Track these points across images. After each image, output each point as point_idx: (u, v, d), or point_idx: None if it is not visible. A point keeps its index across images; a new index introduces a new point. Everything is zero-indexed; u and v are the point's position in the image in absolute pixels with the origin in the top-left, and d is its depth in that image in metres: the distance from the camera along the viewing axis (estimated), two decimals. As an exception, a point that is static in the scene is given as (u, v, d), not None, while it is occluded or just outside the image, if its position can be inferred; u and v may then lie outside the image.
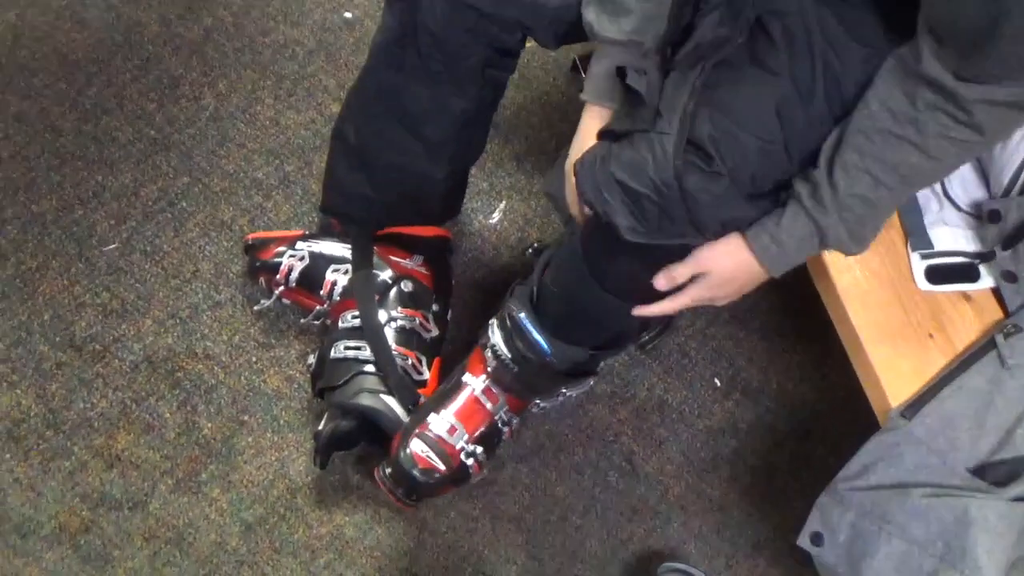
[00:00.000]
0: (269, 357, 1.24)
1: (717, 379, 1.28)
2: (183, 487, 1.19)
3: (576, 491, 1.23)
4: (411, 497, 1.05)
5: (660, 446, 1.25)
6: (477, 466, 1.06)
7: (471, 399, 1.05)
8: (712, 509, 1.24)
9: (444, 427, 1.04)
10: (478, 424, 1.05)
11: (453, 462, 1.03)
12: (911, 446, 0.83)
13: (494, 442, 1.08)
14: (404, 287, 1.13)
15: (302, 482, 1.21)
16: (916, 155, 0.72)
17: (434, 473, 1.02)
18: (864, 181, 0.74)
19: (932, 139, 0.71)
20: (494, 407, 1.05)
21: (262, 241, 1.18)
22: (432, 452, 1.02)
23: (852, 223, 0.76)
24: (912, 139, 0.71)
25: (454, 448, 1.03)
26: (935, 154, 0.71)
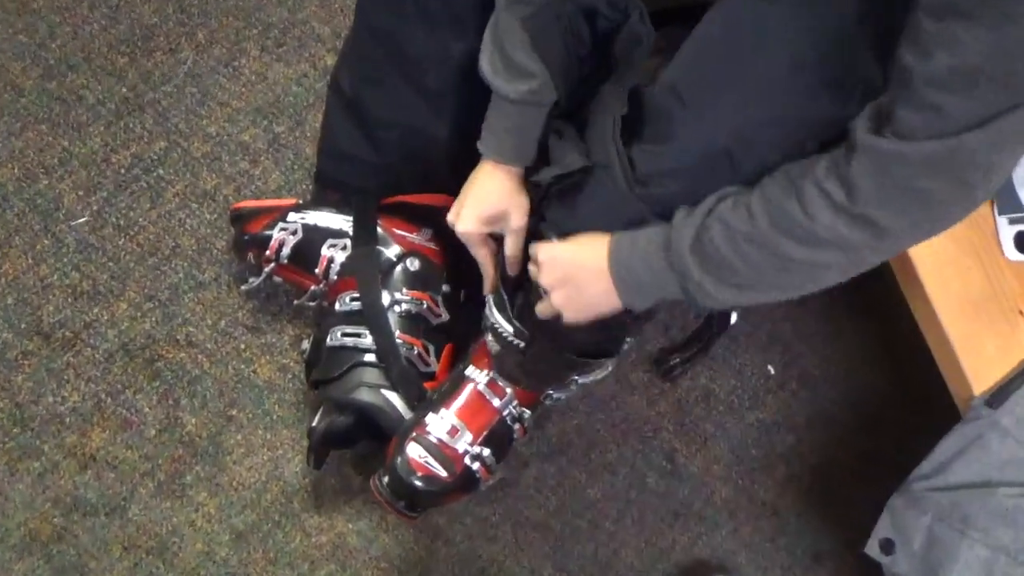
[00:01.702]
0: (260, 344, 1.24)
1: (771, 366, 1.28)
2: (165, 490, 1.20)
3: (609, 494, 1.24)
4: (414, 509, 1.06)
5: (705, 442, 1.26)
6: (485, 470, 1.06)
7: (474, 395, 1.05)
8: (765, 514, 1.25)
9: (444, 428, 1.04)
10: (483, 423, 1.05)
11: (456, 467, 1.03)
12: (997, 439, 0.83)
13: (504, 442, 1.08)
14: (410, 265, 1.13)
15: (299, 484, 1.21)
16: (792, 200, 0.71)
17: (436, 481, 1.03)
18: (739, 211, 0.74)
19: (809, 183, 0.71)
20: (501, 402, 1.05)
21: (250, 211, 1.17)
22: (432, 457, 1.03)
23: (701, 244, 0.76)
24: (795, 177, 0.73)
25: (456, 452, 1.04)
26: (807, 205, 0.71)
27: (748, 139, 0.75)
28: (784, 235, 0.72)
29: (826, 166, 0.71)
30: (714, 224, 0.76)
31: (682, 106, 0.77)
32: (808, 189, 0.71)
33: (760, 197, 0.75)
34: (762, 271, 0.75)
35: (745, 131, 0.75)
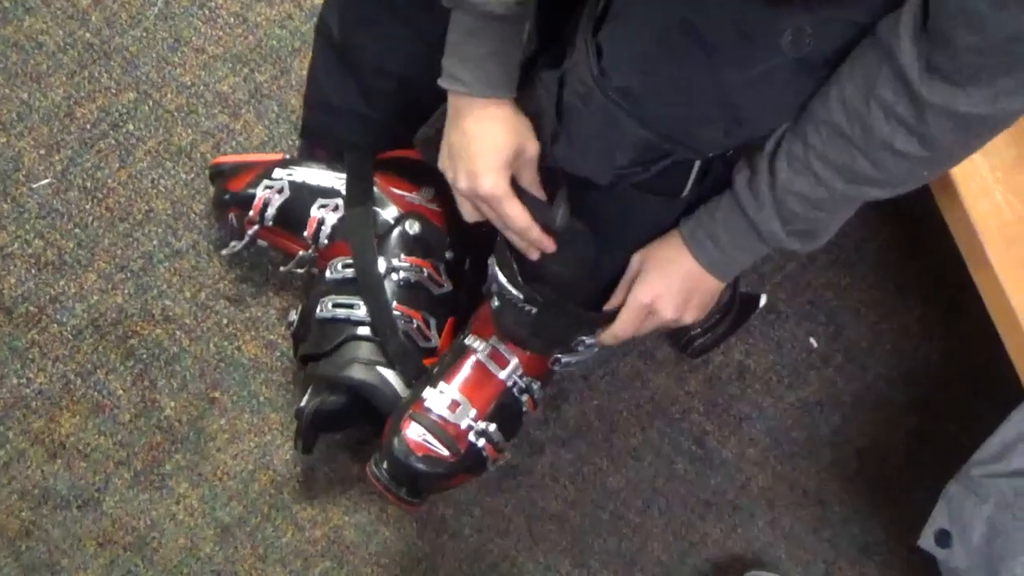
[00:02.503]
0: (244, 318, 1.24)
1: (814, 338, 1.27)
2: (143, 481, 1.20)
3: (633, 482, 1.24)
4: (417, 496, 1.05)
5: (740, 424, 1.26)
6: (492, 448, 1.05)
7: (476, 366, 1.05)
8: (807, 503, 1.25)
9: (444, 403, 1.04)
10: (488, 396, 1.05)
11: (460, 445, 1.03)
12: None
13: (513, 417, 1.08)
14: (410, 228, 1.13)
15: (289, 473, 1.21)
16: (861, 160, 0.78)
17: (439, 461, 1.02)
18: (805, 177, 0.81)
19: (876, 146, 0.76)
20: (506, 372, 1.05)
21: (231, 167, 1.16)
22: (431, 436, 1.02)
23: (791, 221, 0.84)
24: (857, 141, 0.77)
25: (459, 428, 1.03)
26: (879, 164, 0.77)
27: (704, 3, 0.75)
28: (863, 185, 0.80)
29: (890, 126, 0.75)
30: (788, 199, 0.83)
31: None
32: (875, 150, 0.76)
33: (819, 161, 0.80)
34: (843, 213, 0.86)
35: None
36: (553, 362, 1.08)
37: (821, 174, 0.80)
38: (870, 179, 0.79)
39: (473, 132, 0.88)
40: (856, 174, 0.79)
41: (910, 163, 0.77)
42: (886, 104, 0.74)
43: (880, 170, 0.78)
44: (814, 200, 0.82)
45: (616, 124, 0.81)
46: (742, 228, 0.88)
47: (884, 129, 0.75)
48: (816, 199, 0.82)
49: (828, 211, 0.84)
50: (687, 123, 0.81)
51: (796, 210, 0.83)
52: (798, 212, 0.83)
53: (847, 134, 0.77)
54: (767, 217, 0.85)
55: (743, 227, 0.88)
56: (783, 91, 0.79)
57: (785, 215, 0.84)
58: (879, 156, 0.77)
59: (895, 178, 0.79)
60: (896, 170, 0.78)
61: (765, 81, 0.77)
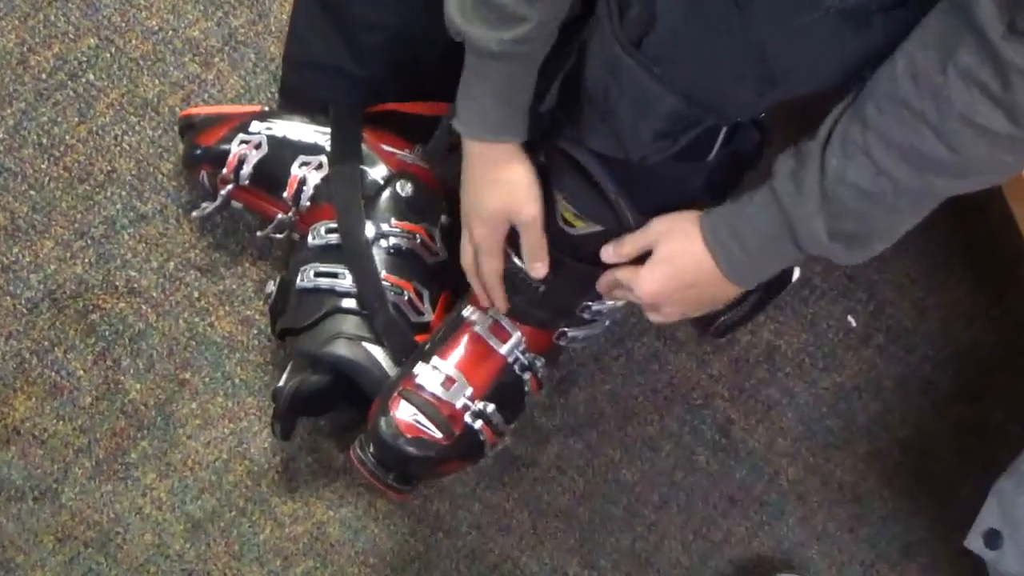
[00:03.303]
0: (217, 291, 1.23)
1: (851, 317, 1.26)
2: (106, 471, 1.21)
3: (650, 475, 1.24)
4: (407, 482, 1.06)
5: (769, 412, 1.25)
6: (490, 432, 1.05)
7: (474, 340, 1.05)
8: (843, 499, 1.25)
9: (438, 380, 1.04)
10: (487, 374, 1.05)
11: (454, 427, 1.03)
12: None
13: (514, 398, 1.08)
14: (401, 189, 1.12)
15: (268, 463, 1.22)
16: (932, 140, 0.74)
17: (430, 444, 1.02)
18: (862, 166, 0.77)
19: (953, 121, 0.73)
20: (507, 347, 1.05)
21: (204, 119, 1.16)
22: (423, 416, 1.02)
23: (837, 221, 0.80)
24: (930, 117, 0.73)
25: (454, 408, 1.03)
26: (955, 144, 0.74)
27: None
28: (934, 178, 0.77)
29: (971, 95, 0.72)
30: (840, 191, 0.79)
31: None
32: (951, 126, 0.73)
33: (880, 144, 0.77)
34: (906, 214, 0.82)
35: None
36: (559, 336, 1.07)
37: (882, 160, 0.77)
38: (941, 164, 0.76)
39: (471, 178, 0.93)
40: (925, 159, 0.76)
41: (991, 143, 0.74)
42: (966, 70, 0.71)
43: (955, 152, 0.74)
44: (871, 194, 0.79)
45: (645, 94, 0.81)
46: (776, 228, 0.84)
47: (964, 99, 0.72)
48: (874, 192, 0.78)
49: (886, 210, 0.80)
50: (719, 85, 0.81)
51: (848, 205, 0.80)
52: (850, 207, 0.80)
53: (917, 109, 0.74)
54: (809, 214, 0.81)
55: (777, 227, 0.84)
56: (824, 47, 0.78)
57: (833, 211, 0.80)
58: (956, 134, 0.74)
59: (972, 163, 0.75)
60: (974, 152, 0.74)
61: (804, 36, 0.76)
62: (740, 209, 0.86)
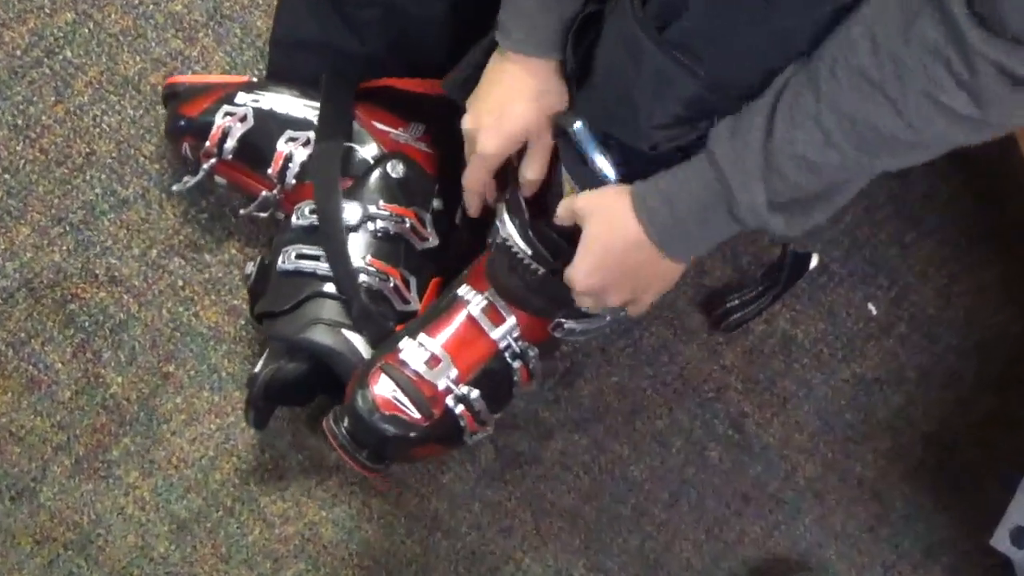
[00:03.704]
0: (202, 279, 1.23)
1: (872, 304, 1.26)
2: (86, 469, 1.20)
3: (659, 472, 1.24)
4: (379, 462, 1.06)
5: (785, 405, 1.25)
6: (472, 418, 1.05)
7: (466, 321, 1.06)
8: (863, 497, 1.25)
9: (422, 358, 1.04)
10: (474, 357, 1.05)
11: (434, 408, 1.03)
12: None
13: (500, 387, 1.07)
14: (392, 170, 1.12)
15: (256, 461, 1.21)
16: (890, 115, 0.73)
17: (407, 424, 1.02)
18: (811, 135, 0.76)
19: (914, 96, 0.72)
20: (500, 332, 1.05)
21: (188, 89, 1.16)
22: (402, 394, 1.02)
23: (778, 192, 0.80)
24: (889, 90, 0.72)
25: (435, 388, 1.03)
26: (914, 121, 0.73)
27: None
28: (883, 152, 0.77)
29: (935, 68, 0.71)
30: (785, 163, 0.79)
31: None
32: (912, 100, 0.72)
33: (832, 115, 0.76)
34: (848, 185, 0.83)
35: None
36: (555, 327, 1.07)
37: (833, 132, 0.76)
38: (894, 140, 0.75)
39: (504, 95, 0.93)
40: (879, 133, 0.75)
41: (950, 121, 0.73)
42: (930, 44, 0.70)
43: (912, 128, 0.74)
44: (816, 165, 0.78)
45: (666, 77, 0.82)
46: (711, 194, 0.83)
47: (928, 74, 0.71)
48: (820, 163, 0.78)
49: (830, 181, 0.81)
50: (744, 72, 0.81)
51: (790, 176, 0.79)
52: (792, 179, 0.79)
53: (875, 80, 0.73)
54: (748, 181, 0.80)
55: (712, 192, 0.82)
56: None
57: (774, 182, 0.80)
58: (916, 110, 0.73)
59: (926, 138, 0.75)
60: (931, 128, 0.74)
61: (836, 23, 0.76)
62: (674, 173, 0.85)
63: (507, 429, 1.21)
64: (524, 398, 1.19)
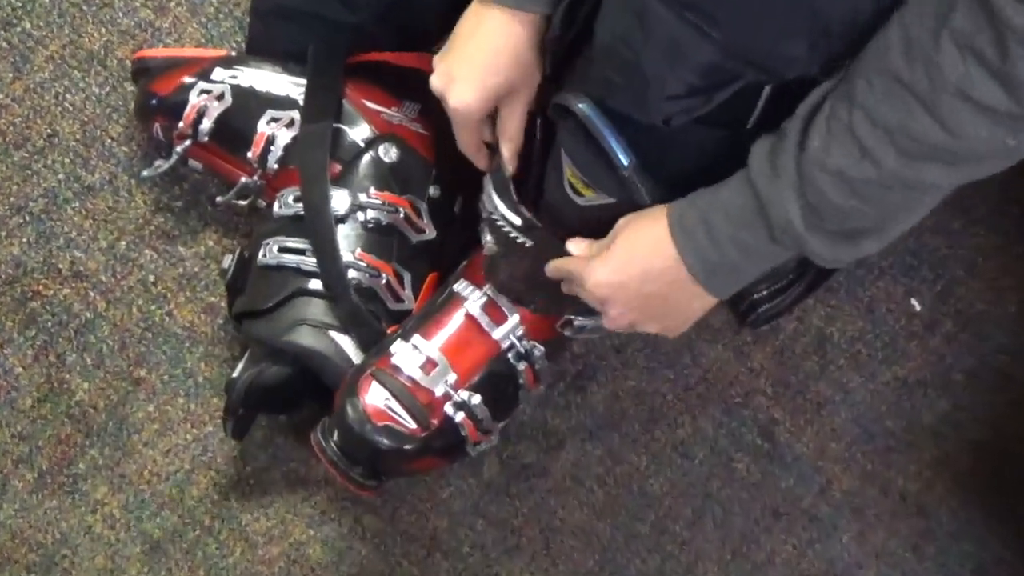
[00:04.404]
0: (176, 275, 1.23)
1: (915, 299, 1.25)
2: (50, 484, 1.20)
3: (681, 486, 1.23)
4: (374, 478, 1.06)
5: (819, 411, 1.24)
6: (473, 427, 1.05)
7: (465, 320, 1.05)
8: (906, 512, 1.24)
9: (417, 362, 1.04)
10: (475, 360, 1.05)
11: (431, 417, 1.03)
12: None
13: (504, 391, 1.07)
14: (384, 154, 1.12)
15: (237, 474, 1.21)
16: (923, 118, 0.74)
17: (403, 435, 1.02)
18: (845, 146, 0.78)
19: (947, 95, 0.72)
20: (501, 331, 1.05)
21: (160, 64, 1.16)
22: (396, 402, 1.02)
23: (812, 208, 0.80)
24: (920, 90, 0.73)
25: (432, 395, 1.03)
26: (949, 123, 0.73)
27: None
28: (924, 165, 0.76)
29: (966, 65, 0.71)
30: (819, 177, 0.79)
31: None
32: (945, 101, 0.73)
33: (867, 122, 0.76)
34: (900, 208, 0.81)
35: None
36: (563, 324, 1.06)
37: (866, 140, 0.76)
38: (934, 148, 0.75)
39: (478, 34, 0.92)
40: (915, 140, 0.75)
41: (992, 122, 0.72)
42: (961, 35, 0.70)
43: (949, 131, 0.73)
44: (854, 181, 0.78)
45: (677, 41, 0.80)
46: (748, 214, 0.83)
47: (958, 69, 0.71)
48: (857, 179, 0.78)
49: (872, 202, 0.79)
50: (765, 35, 0.79)
51: (828, 194, 0.79)
52: (830, 198, 0.79)
53: (906, 81, 0.74)
54: (783, 196, 0.80)
55: (750, 212, 0.83)
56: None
57: (810, 198, 0.80)
58: (949, 109, 0.73)
59: (969, 146, 0.74)
60: (972, 132, 0.73)
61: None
62: (715, 193, 0.85)
63: (513, 438, 1.21)
64: (531, 404, 1.20)
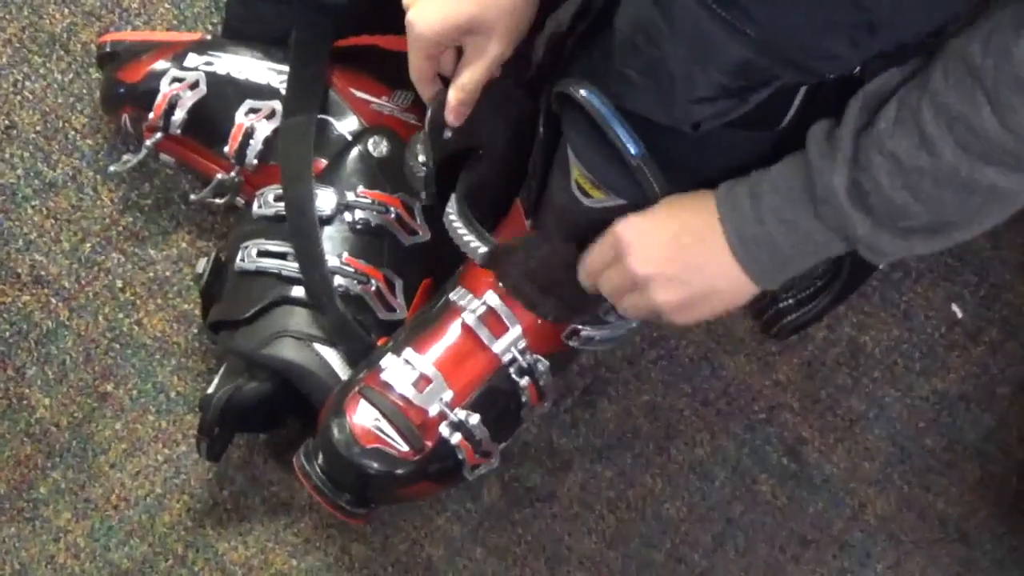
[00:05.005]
0: (146, 279, 1.22)
1: (957, 305, 1.23)
2: (8, 510, 1.20)
3: (699, 510, 1.22)
4: (363, 505, 1.04)
5: (851, 428, 1.22)
6: (471, 449, 1.04)
7: (462, 332, 1.04)
8: (946, 538, 1.23)
9: (410, 379, 1.02)
10: (473, 376, 1.04)
11: (425, 439, 1.01)
12: None
13: (505, 409, 1.06)
14: (375, 149, 1.11)
15: (213, 499, 1.19)
16: (985, 109, 0.75)
17: (394, 459, 1.01)
18: (908, 132, 0.79)
19: (1004, 88, 0.74)
20: (502, 344, 1.04)
21: (129, 49, 1.15)
22: (387, 422, 1.01)
23: (859, 185, 0.82)
24: (987, 79, 0.74)
25: (426, 415, 1.02)
26: (1008, 118, 0.74)
27: None
28: (981, 161, 0.77)
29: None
30: (875, 159, 0.80)
31: None
32: (1006, 94, 0.74)
33: (932, 109, 0.78)
34: (955, 211, 0.81)
35: None
36: (570, 334, 1.05)
37: (929, 128, 0.78)
38: (991, 146, 0.76)
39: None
40: (975, 134, 0.76)
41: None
42: None
43: (1008, 127, 0.74)
44: (909, 170, 0.79)
45: (706, 38, 0.79)
46: (796, 186, 0.84)
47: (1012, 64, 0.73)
48: (912, 168, 0.79)
49: (924, 198, 0.80)
50: (803, 32, 0.78)
51: (879, 178, 0.81)
52: (881, 181, 0.80)
53: (977, 67, 0.75)
54: (832, 166, 0.82)
55: (798, 185, 0.84)
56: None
57: (861, 177, 0.81)
58: (1008, 103, 0.73)
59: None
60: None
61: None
62: (767, 169, 0.87)
63: (515, 460, 1.19)
64: (535, 422, 1.18)
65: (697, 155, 0.91)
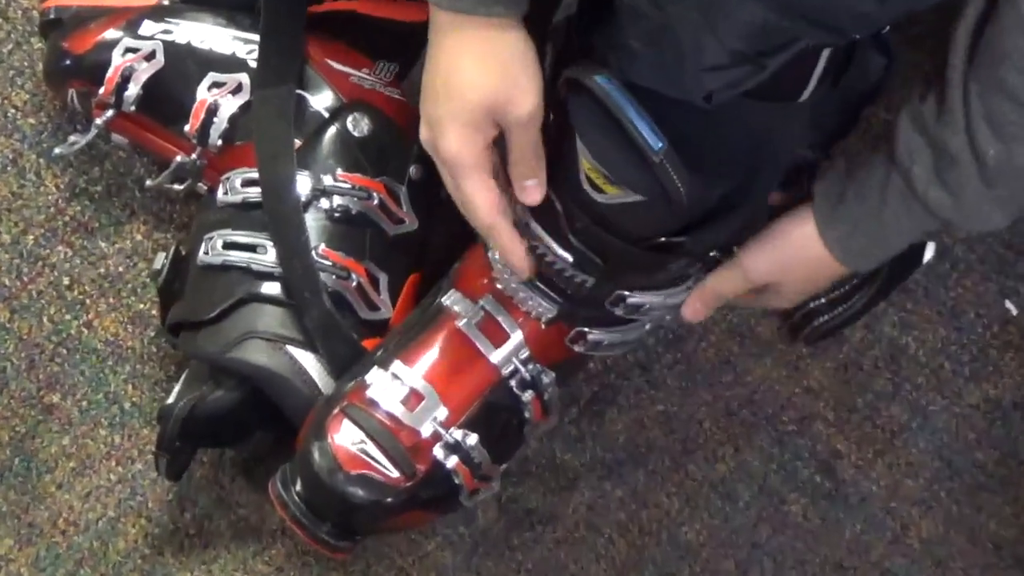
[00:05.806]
0: (96, 276, 1.21)
1: (1010, 302, 1.23)
2: None
3: (721, 534, 1.21)
4: (347, 536, 1.03)
5: (892, 439, 1.22)
6: (469, 473, 1.02)
7: (455, 340, 1.03)
8: (1001, 564, 1.22)
9: (399, 396, 1.01)
10: (469, 390, 1.03)
11: (417, 463, 1.00)
12: None
13: (506, 427, 1.06)
14: (354, 127, 1.10)
15: (173, 523, 1.18)
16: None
17: (381, 485, 1.00)
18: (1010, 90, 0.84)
19: None
20: (502, 354, 1.03)
21: (77, 16, 1.14)
22: (374, 445, 1.00)
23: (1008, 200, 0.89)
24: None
25: (418, 435, 1.01)
26: None
27: None
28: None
29: None
30: (1007, 178, 0.86)
31: None
32: None
33: None
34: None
35: None
36: (576, 338, 1.03)
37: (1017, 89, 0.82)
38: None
39: (449, 63, 0.89)
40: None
41: None
42: None
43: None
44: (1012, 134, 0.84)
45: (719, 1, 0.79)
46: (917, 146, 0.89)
47: None
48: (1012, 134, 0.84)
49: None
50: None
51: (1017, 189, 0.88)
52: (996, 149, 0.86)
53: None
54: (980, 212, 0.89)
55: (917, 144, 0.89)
56: None
57: (1001, 195, 0.88)
58: None
59: None
60: None
61: None
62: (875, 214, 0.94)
63: (514, 478, 1.17)
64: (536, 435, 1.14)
65: (710, 132, 0.90)
